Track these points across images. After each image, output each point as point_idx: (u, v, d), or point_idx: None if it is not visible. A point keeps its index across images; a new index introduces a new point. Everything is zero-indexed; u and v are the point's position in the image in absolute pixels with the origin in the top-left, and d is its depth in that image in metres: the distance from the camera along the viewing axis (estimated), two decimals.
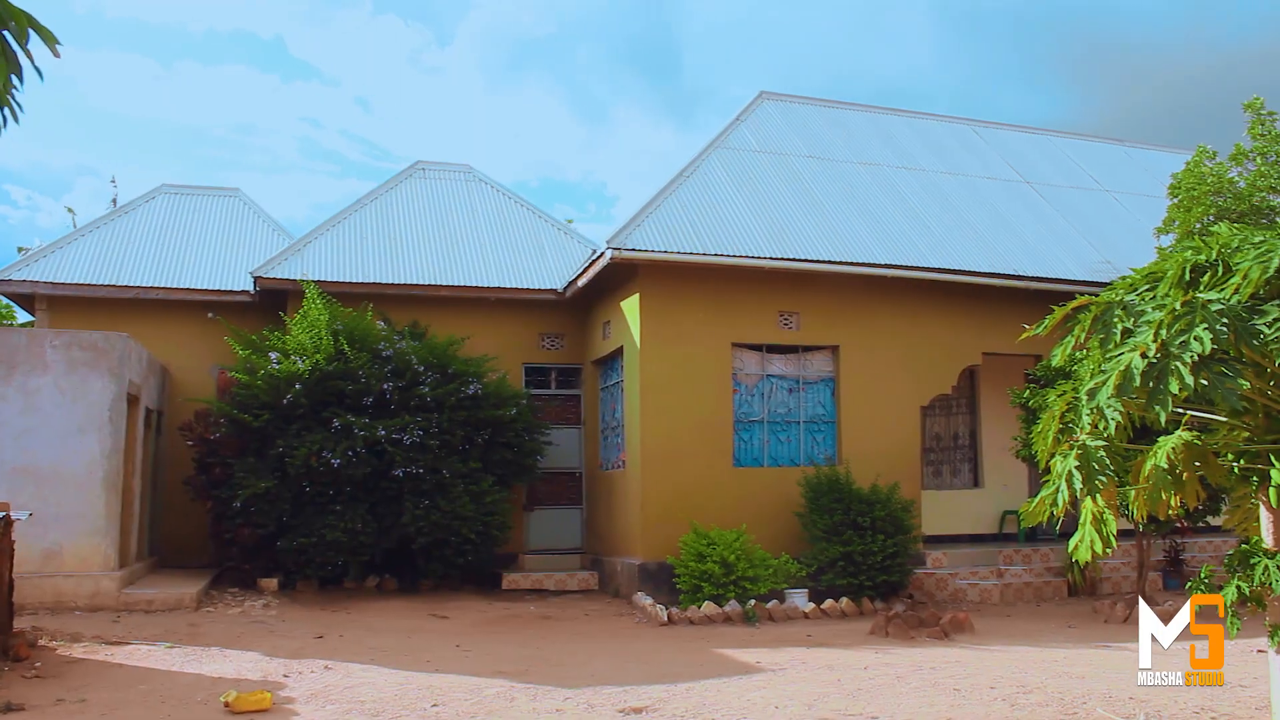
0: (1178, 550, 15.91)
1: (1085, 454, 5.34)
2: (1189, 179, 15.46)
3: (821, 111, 20.75)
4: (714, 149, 17.78)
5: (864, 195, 17.88)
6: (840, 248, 15.69)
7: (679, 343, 14.88)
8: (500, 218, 19.65)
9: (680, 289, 14.99)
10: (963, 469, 18.85)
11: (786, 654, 10.43)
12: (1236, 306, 4.89)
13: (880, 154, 19.76)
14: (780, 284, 15.43)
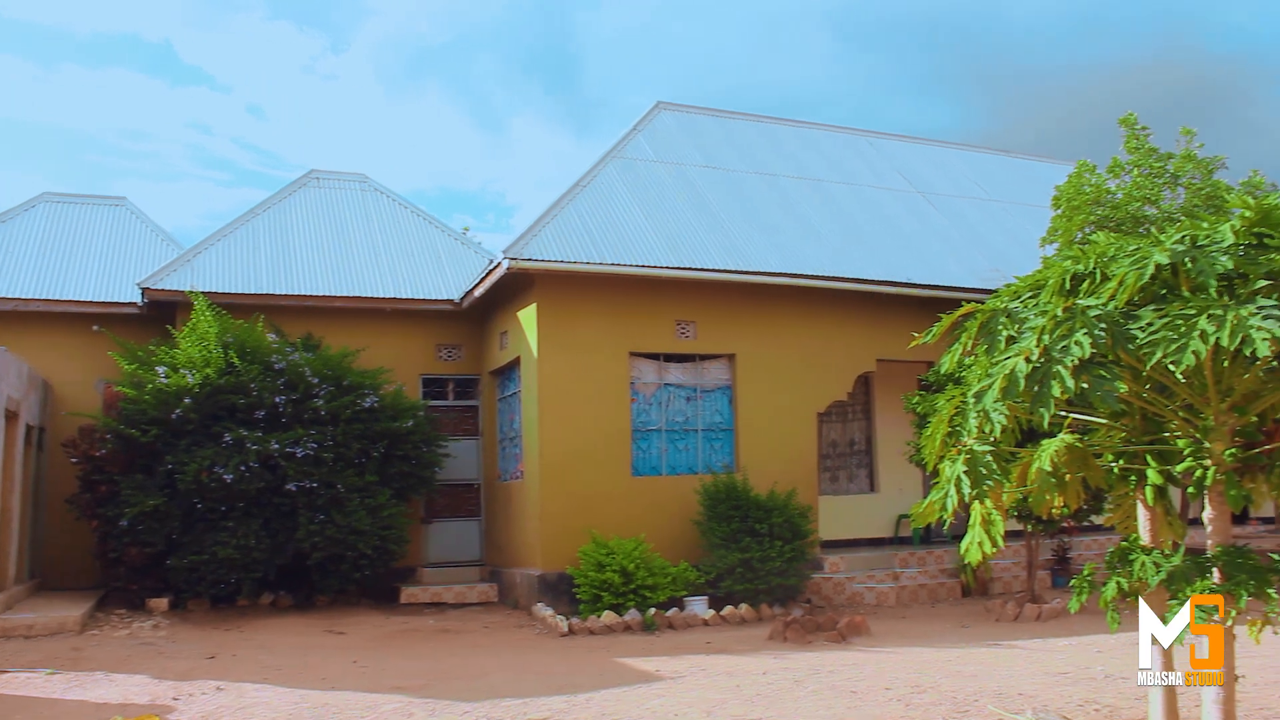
0: (1065, 549, 16.37)
1: (972, 458, 5.46)
2: (1070, 190, 15.94)
3: (718, 122, 20.94)
4: (611, 159, 17.82)
5: (759, 205, 18.08)
6: (736, 257, 15.84)
7: (576, 352, 14.86)
8: (396, 228, 19.42)
9: (577, 298, 14.98)
10: (859, 474, 19.14)
11: (686, 661, 10.47)
12: (1113, 312, 5.05)
13: (775, 164, 20.01)
14: (677, 293, 15.51)
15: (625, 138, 18.81)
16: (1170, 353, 4.66)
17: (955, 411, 6.00)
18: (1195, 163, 15.63)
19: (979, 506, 6.08)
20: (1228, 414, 5.65)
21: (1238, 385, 5.58)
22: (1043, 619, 13.06)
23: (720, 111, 21.47)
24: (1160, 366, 4.91)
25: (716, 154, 19.46)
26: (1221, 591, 5.53)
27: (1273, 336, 4.52)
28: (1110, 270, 5.25)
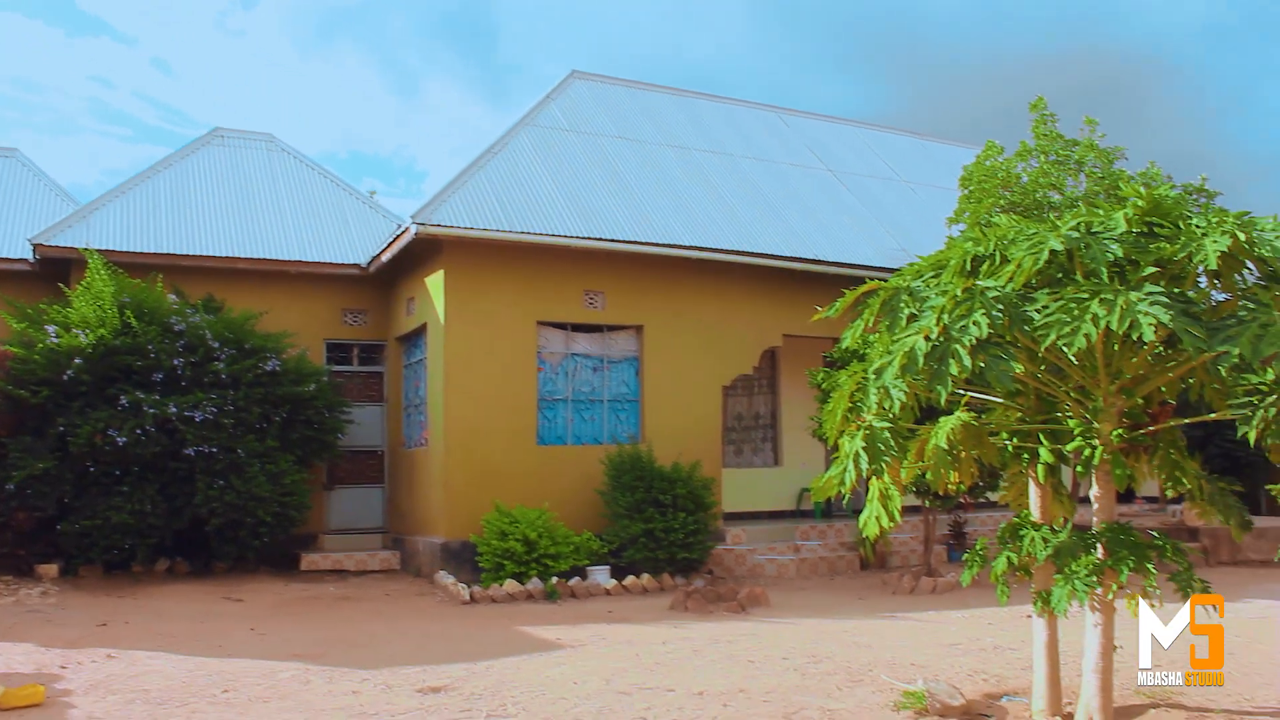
0: (962, 525, 16.76)
1: (871, 434, 5.57)
2: (979, 173, 16.27)
3: (632, 93, 20.90)
4: (523, 127, 17.69)
5: (671, 177, 18.12)
6: (646, 228, 15.87)
7: (484, 320, 14.78)
8: (303, 189, 19.05)
9: (486, 266, 14.87)
10: (764, 448, 19.37)
11: (587, 630, 10.53)
12: (1011, 294, 5.19)
13: (689, 137, 20.07)
14: (586, 263, 15.49)
15: (538, 106, 18.69)
16: (1063, 335, 4.81)
17: (856, 387, 6.12)
18: (1097, 152, 16.05)
19: (877, 482, 6.22)
20: (1116, 396, 5.85)
21: (1126, 368, 5.78)
22: (938, 592, 13.39)
23: (636, 83, 21.44)
24: (1054, 348, 5.06)
25: (631, 125, 19.44)
26: (1105, 567, 5.74)
27: (1158, 322, 4.68)
28: (1009, 253, 5.39)
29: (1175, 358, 5.71)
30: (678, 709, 6.98)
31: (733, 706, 7.03)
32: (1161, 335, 4.90)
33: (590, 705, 7.09)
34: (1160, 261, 5.33)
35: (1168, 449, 6.15)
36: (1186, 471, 6.18)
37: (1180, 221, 5.42)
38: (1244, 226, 5.10)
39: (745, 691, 7.49)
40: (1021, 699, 7.03)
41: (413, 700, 7.29)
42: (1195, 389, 6.16)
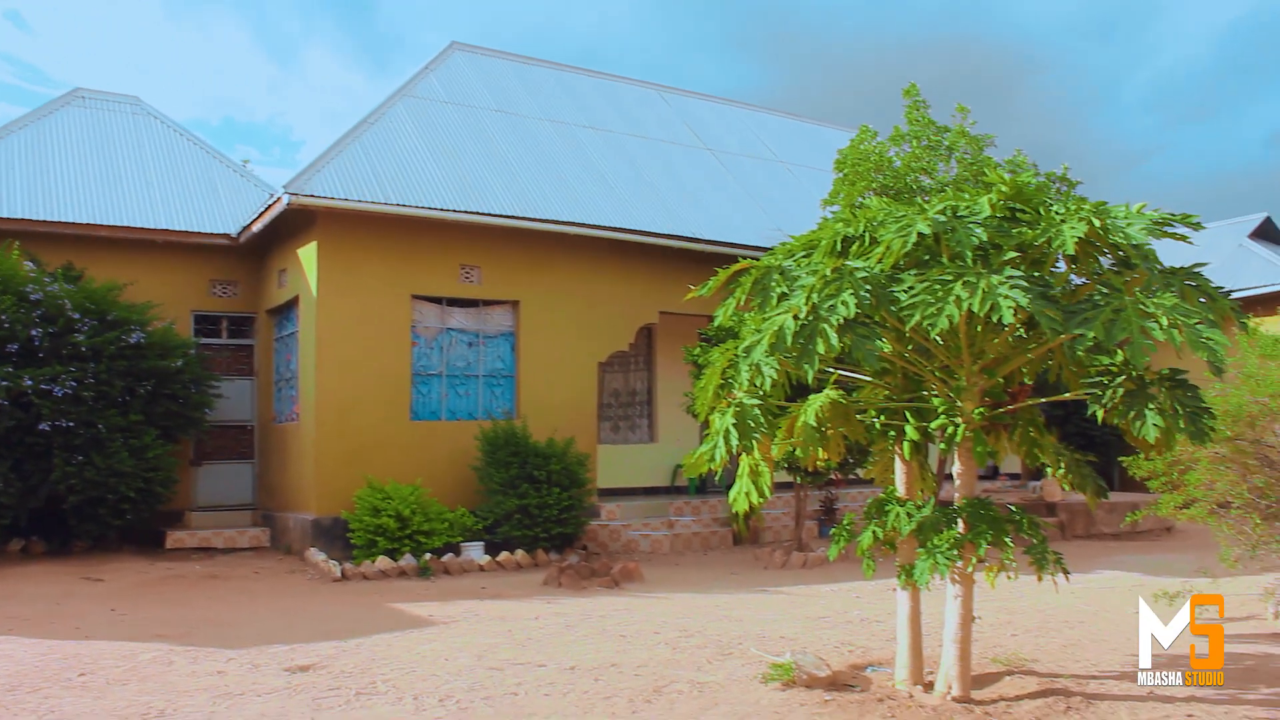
0: (832, 500, 17.11)
1: (742, 411, 5.65)
2: (853, 156, 16.54)
3: (512, 67, 20.71)
4: (401, 97, 17.39)
5: (550, 152, 18.03)
6: (524, 203, 15.77)
7: (357, 293, 14.51)
8: (171, 155, 18.38)
9: (360, 238, 14.60)
10: (640, 424, 19.48)
11: (460, 606, 10.48)
12: (879, 275, 5.30)
13: (568, 113, 19.98)
14: (463, 237, 15.33)
15: (417, 76, 18.40)
16: (928, 316, 4.93)
17: (728, 365, 6.19)
18: (968, 138, 16.46)
19: (748, 458, 6.31)
20: (979, 375, 6.03)
21: (989, 349, 5.97)
22: (808, 566, 13.66)
23: (516, 56, 21.25)
24: (920, 328, 5.18)
25: (510, 99, 19.27)
26: (965, 540, 5.93)
27: (1017, 305, 4.84)
28: (879, 235, 5.51)
29: (1034, 339, 5.91)
30: (549, 684, 7.00)
31: (604, 680, 7.08)
32: (1021, 318, 5.06)
33: (461, 681, 7.06)
34: (1022, 246, 5.51)
35: (1027, 426, 6.38)
36: (1044, 447, 6.42)
37: (1041, 208, 5.61)
38: (1100, 214, 5.30)
39: (617, 665, 7.55)
40: (885, 669, 7.23)
41: (280, 679, 7.16)
42: (1054, 370, 6.40)
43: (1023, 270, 5.19)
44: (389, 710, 6.37)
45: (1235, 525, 9.14)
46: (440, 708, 6.42)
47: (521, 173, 16.77)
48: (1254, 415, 8.89)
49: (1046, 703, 6.29)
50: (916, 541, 6.12)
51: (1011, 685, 6.81)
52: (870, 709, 6.23)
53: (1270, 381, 8.92)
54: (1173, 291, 5.15)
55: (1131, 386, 5.53)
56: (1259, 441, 8.87)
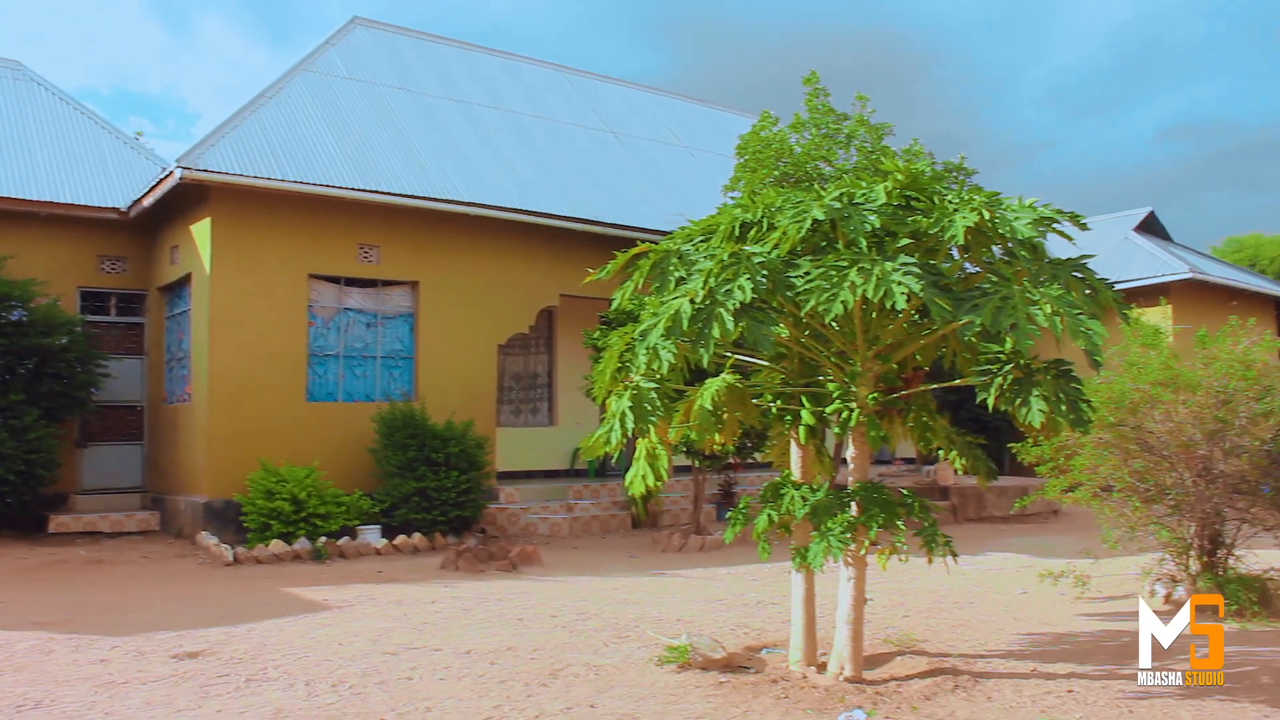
0: (731, 484, 17.25)
1: (638, 394, 5.65)
2: (754, 142, 16.61)
3: (416, 44, 20.41)
4: (300, 72, 17.03)
5: (453, 132, 17.82)
6: (425, 183, 15.56)
7: (253, 272, 14.18)
8: (56, 125, 17.73)
9: (256, 215, 14.26)
10: (540, 407, 19.41)
11: (356, 590, 10.34)
12: (776, 260, 5.34)
13: (474, 93, 19.76)
14: (362, 216, 15.07)
15: (317, 51, 18.02)
16: (822, 301, 4.99)
17: (626, 348, 6.19)
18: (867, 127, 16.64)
19: (645, 441, 6.33)
20: (873, 361, 6.12)
21: (883, 335, 6.06)
22: (706, 549, 13.76)
23: (420, 34, 20.95)
24: (815, 314, 5.24)
25: (413, 77, 18.99)
26: (858, 524, 6.03)
27: (910, 291, 4.92)
28: (776, 221, 5.55)
29: (928, 326, 6.02)
30: (444, 668, 6.95)
31: (500, 664, 7.05)
32: (914, 304, 5.15)
33: (355, 666, 6.98)
34: (916, 234, 5.60)
35: (919, 411, 6.51)
36: (936, 431, 6.56)
37: (935, 197, 5.70)
38: (991, 205, 5.41)
39: (513, 649, 7.53)
40: (780, 650, 7.32)
41: (166, 667, 6.98)
42: (947, 356, 6.53)
43: (916, 258, 5.27)
44: (279, 696, 6.26)
45: (1116, 508, 9.45)
46: (333, 693, 6.34)
47: (423, 152, 16.54)
48: (1135, 402, 9.19)
49: (936, 681, 6.43)
50: (811, 525, 6.19)
51: (903, 665, 6.95)
52: (764, 690, 6.30)
53: (1151, 370, 9.24)
54: (1059, 282, 5.29)
55: (1019, 374, 5.66)
56: (1140, 427, 9.18)
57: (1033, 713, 5.89)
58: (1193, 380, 9.02)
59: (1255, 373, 9.03)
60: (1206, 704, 6.09)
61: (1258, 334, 9.57)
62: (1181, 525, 9.30)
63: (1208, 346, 9.46)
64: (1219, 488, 8.92)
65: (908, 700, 6.07)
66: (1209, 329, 9.86)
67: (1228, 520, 9.22)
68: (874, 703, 6.01)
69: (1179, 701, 6.12)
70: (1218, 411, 8.86)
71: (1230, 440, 8.89)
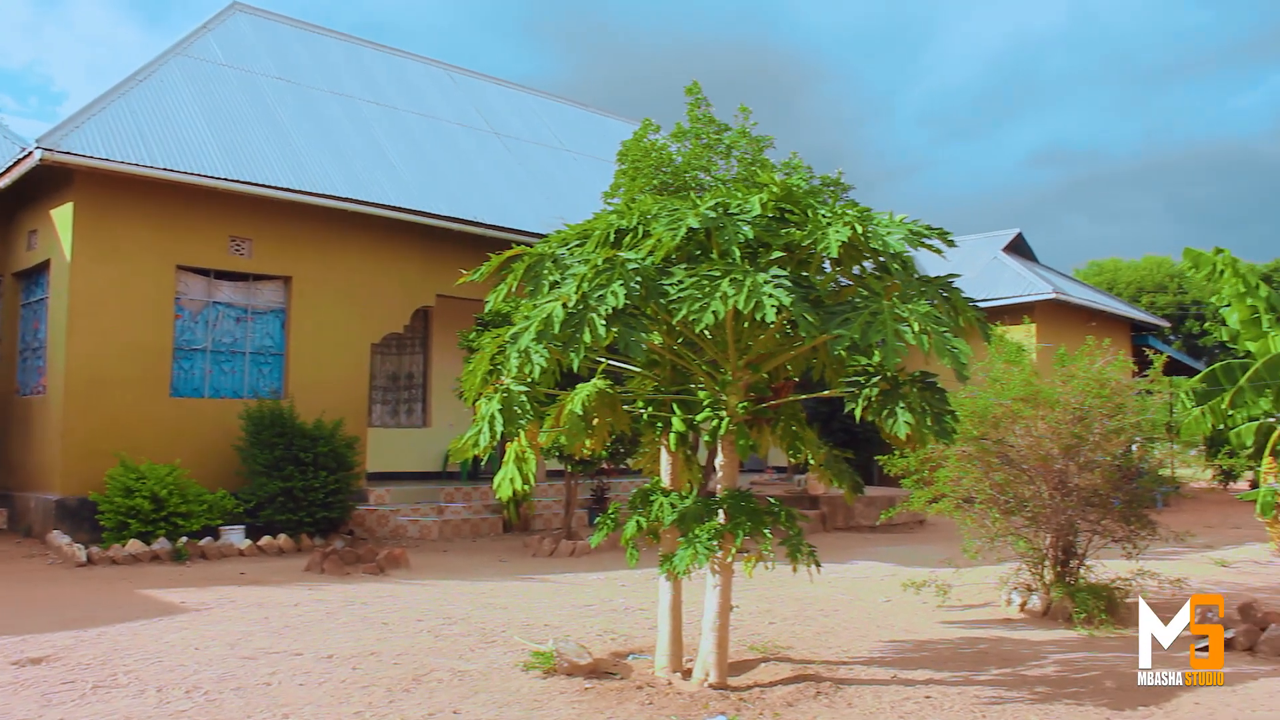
0: (604, 489, 17.26)
1: (508, 397, 5.60)
2: (634, 150, 16.65)
3: (298, 34, 19.97)
4: (175, 56, 16.50)
5: (332, 126, 17.48)
6: (301, 176, 15.22)
7: (116, 261, 13.68)
8: None
9: (122, 202, 13.77)
10: (414, 408, 19.17)
11: (216, 592, 10.04)
12: (650, 267, 5.35)
13: (354, 86, 19.41)
14: (235, 208, 14.66)
15: (193, 35, 17.49)
16: (693, 310, 5.01)
17: (498, 350, 6.13)
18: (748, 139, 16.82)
19: (514, 444, 6.27)
20: (744, 371, 6.18)
21: (755, 345, 6.12)
22: (577, 555, 13.73)
23: (302, 23, 20.51)
24: (688, 322, 5.26)
25: (293, 67, 18.57)
26: (725, 531, 6.07)
27: (780, 304, 4.97)
28: (651, 228, 5.55)
29: (799, 338, 6.09)
30: (305, 673, 6.78)
31: (362, 669, 6.91)
32: (785, 316, 5.20)
33: (211, 671, 6.76)
34: (790, 246, 5.66)
35: (789, 422, 6.59)
36: (805, 441, 6.65)
37: (810, 210, 5.78)
38: (863, 220, 5.51)
39: (376, 654, 7.39)
40: (647, 657, 7.33)
41: (7, 674, 6.67)
42: (818, 368, 6.63)
43: (790, 270, 5.33)
44: (128, 704, 6.03)
45: (978, 519, 9.73)
46: (186, 700, 6.12)
47: (301, 145, 16.18)
48: (998, 417, 9.47)
49: (799, 688, 6.51)
50: (679, 532, 6.22)
51: (767, 672, 7.02)
52: (629, 696, 6.30)
53: (1013, 386, 9.53)
54: (927, 299, 5.41)
55: (886, 386, 5.78)
56: (1001, 441, 9.46)
57: (891, 718, 6.00)
58: (1052, 397, 9.34)
59: (1109, 391, 9.40)
60: (1054, 708, 6.28)
61: (1112, 354, 9.95)
62: (1038, 536, 9.61)
63: (1066, 365, 9.80)
64: (1073, 500, 9.25)
65: (770, 707, 6.13)
66: (1069, 348, 10.23)
67: (1080, 532, 9.57)
68: (737, 709, 6.05)
69: (1029, 706, 6.30)
70: (1074, 428, 9.19)
71: (1085, 455, 9.22)
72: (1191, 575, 11.31)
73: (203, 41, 17.43)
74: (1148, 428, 9.72)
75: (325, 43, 20.41)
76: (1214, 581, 11.83)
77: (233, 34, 18.23)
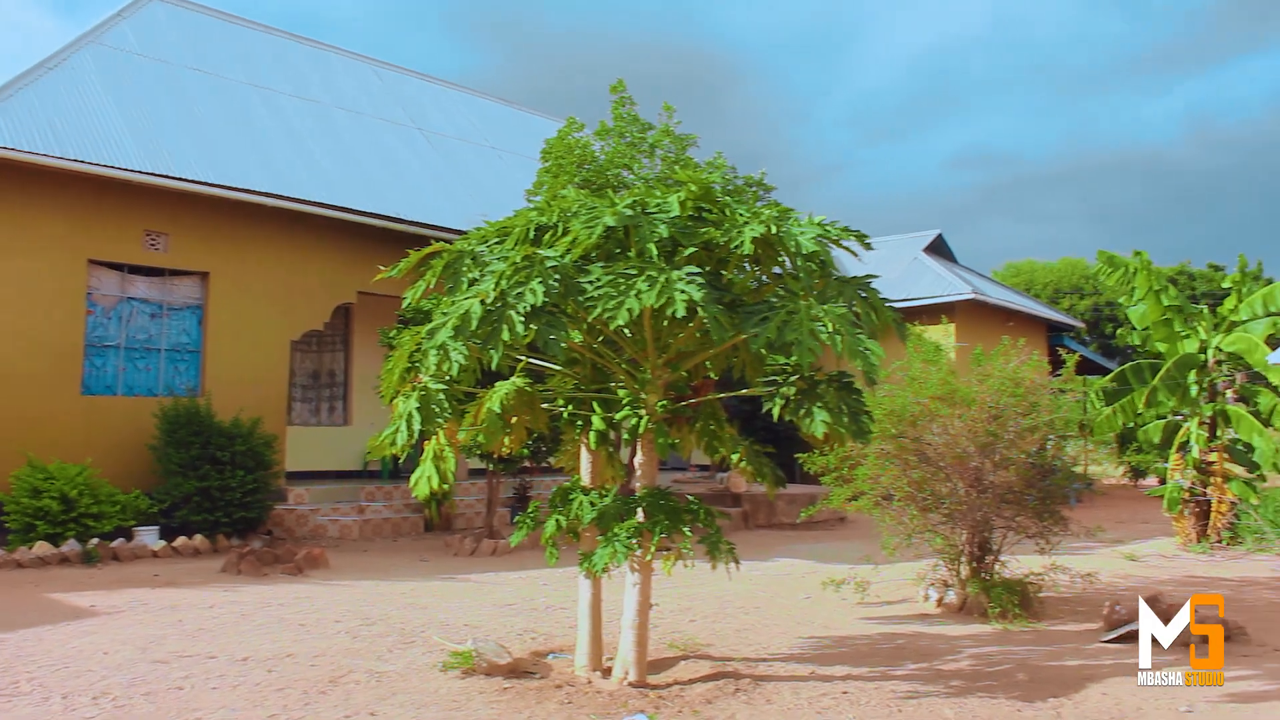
0: (526, 488, 17.18)
1: (426, 395, 5.55)
2: (558, 147, 16.60)
3: (217, 24, 19.58)
4: (87, 43, 16.07)
5: (253, 119, 17.18)
6: (220, 170, 14.93)
7: (24, 254, 13.28)
8: None
9: (30, 193, 13.37)
10: (336, 406, 18.93)
11: (128, 595, 9.81)
12: (569, 265, 5.33)
13: (275, 79, 19.10)
14: (150, 201, 14.33)
15: (107, 22, 17.06)
16: (609, 308, 5.00)
17: (416, 348, 6.07)
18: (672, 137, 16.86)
19: (432, 443, 6.22)
20: (663, 369, 6.19)
21: (674, 343, 6.13)
22: (498, 554, 13.66)
23: (222, 14, 20.10)
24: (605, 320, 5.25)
25: (212, 59, 18.20)
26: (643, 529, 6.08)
27: (691, 300, 4.98)
28: (571, 225, 5.54)
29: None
30: (219, 676, 6.66)
31: (277, 672, 6.81)
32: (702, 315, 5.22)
33: (120, 677, 6.60)
34: (708, 245, 5.68)
35: (708, 420, 6.61)
36: (724, 439, 6.68)
37: (727, 209, 5.80)
38: (779, 220, 5.54)
39: (293, 656, 7.28)
40: (567, 655, 7.32)
41: None
42: (737, 366, 6.66)
43: (708, 268, 5.35)
44: (32, 712, 5.86)
45: (896, 516, 9.86)
46: (93, 706, 5.98)
47: (219, 138, 15.88)
48: (916, 415, 9.61)
49: (718, 685, 6.55)
50: (598, 530, 6.21)
51: (687, 669, 7.05)
52: (548, 695, 6.28)
53: (930, 385, 9.68)
54: (845, 299, 5.46)
55: (804, 385, 5.83)
56: (919, 440, 9.60)
57: (809, 714, 6.05)
58: (968, 396, 9.50)
59: (1023, 390, 9.58)
60: (968, 701, 6.39)
61: (1027, 354, 10.15)
62: (955, 533, 9.77)
63: (983, 364, 9.98)
64: (989, 497, 9.41)
65: (689, 704, 6.15)
66: (987, 347, 10.41)
67: (995, 528, 9.74)
68: (656, 707, 6.07)
69: (944, 700, 6.40)
70: (989, 426, 9.36)
71: (1000, 453, 9.39)
72: (1102, 569, 11.59)
73: (117, 30, 17.02)
74: (1061, 426, 9.92)
75: (246, 34, 20.05)
76: (1123, 575, 12.13)
77: (148, 23, 17.83)
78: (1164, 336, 16.16)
